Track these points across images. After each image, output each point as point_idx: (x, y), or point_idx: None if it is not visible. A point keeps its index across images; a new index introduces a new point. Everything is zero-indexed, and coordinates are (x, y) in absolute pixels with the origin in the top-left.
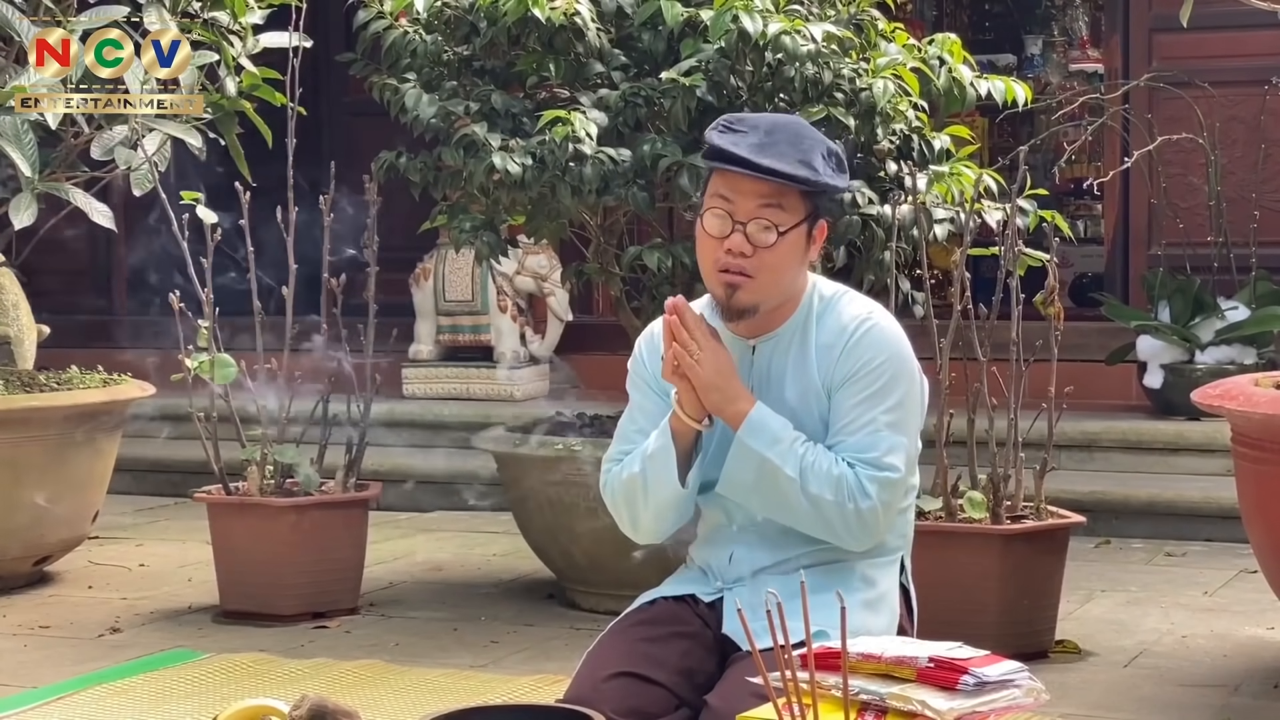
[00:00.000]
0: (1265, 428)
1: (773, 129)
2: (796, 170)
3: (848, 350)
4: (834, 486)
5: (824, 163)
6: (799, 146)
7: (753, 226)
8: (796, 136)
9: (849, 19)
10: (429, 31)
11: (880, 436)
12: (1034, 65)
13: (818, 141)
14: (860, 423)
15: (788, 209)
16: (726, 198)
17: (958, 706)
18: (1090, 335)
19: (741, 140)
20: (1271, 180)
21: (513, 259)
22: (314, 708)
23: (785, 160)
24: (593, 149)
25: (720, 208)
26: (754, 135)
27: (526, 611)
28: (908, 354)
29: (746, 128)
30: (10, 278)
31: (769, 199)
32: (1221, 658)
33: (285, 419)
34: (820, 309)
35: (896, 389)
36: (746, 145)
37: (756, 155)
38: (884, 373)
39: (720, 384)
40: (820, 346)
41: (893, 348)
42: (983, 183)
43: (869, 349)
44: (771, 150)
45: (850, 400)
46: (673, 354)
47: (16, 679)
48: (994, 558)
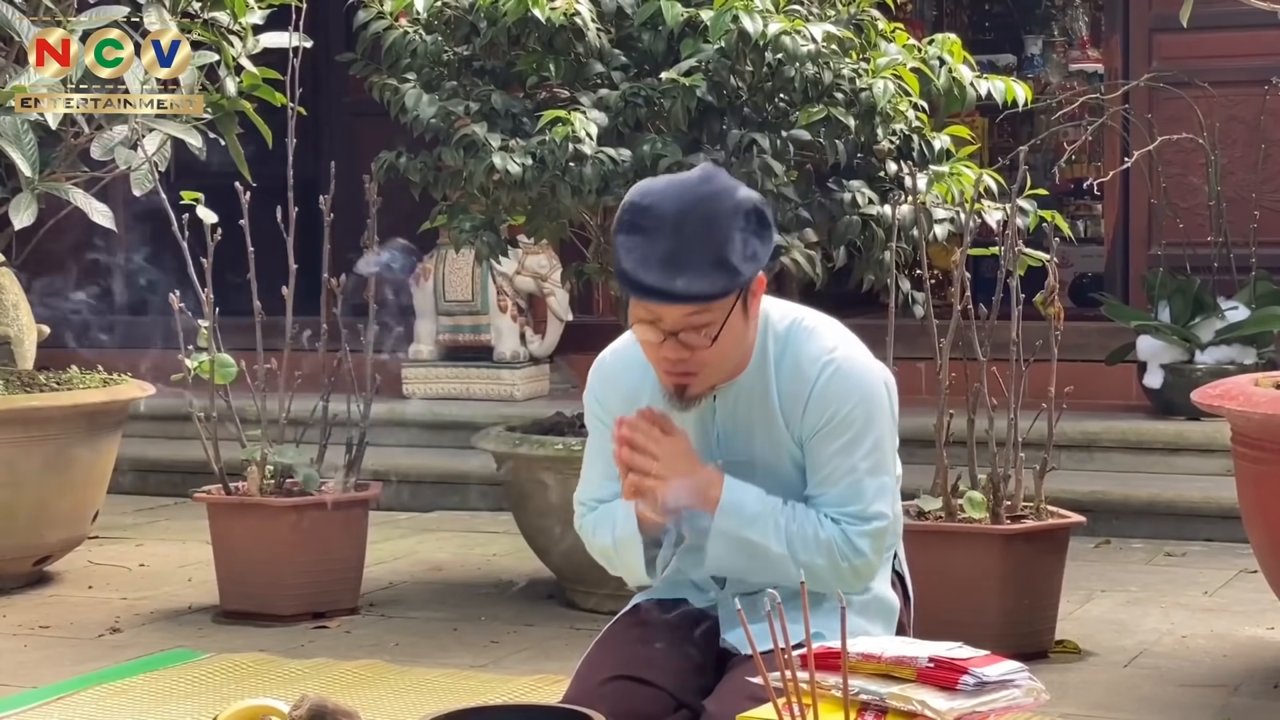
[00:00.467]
0: (1265, 428)
1: (680, 224)
2: (715, 285)
3: (813, 401)
4: (824, 551)
5: (743, 247)
6: (711, 243)
7: (684, 335)
8: (707, 227)
9: (849, 19)
10: (429, 31)
11: (862, 486)
12: (1034, 65)
13: (731, 215)
14: (839, 473)
15: (716, 309)
16: (650, 315)
17: (958, 706)
18: (1090, 335)
19: (650, 254)
20: (1271, 180)
21: (513, 259)
22: (314, 708)
23: (699, 274)
24: (593, 149)
25: (646, 322)
26: (661, 241)
27: (526, 611)
28: (874, 388)
29: (652, 225)
30: (10, 278)
31: (693, 311)
32: (1221, 658)
33: (285, 419)
34: (777, 352)
35: (871, 431)
36: (656, 263)
37: (669, 277)
38: (855, 419)
39: (684, 485)
40: (784, 395)
41: (859, 389)
42: (983, 183)
43: (835, 398)
44: (683, 261)
45: (825, 451)
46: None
47: (16, 679)
48: (994, 558)
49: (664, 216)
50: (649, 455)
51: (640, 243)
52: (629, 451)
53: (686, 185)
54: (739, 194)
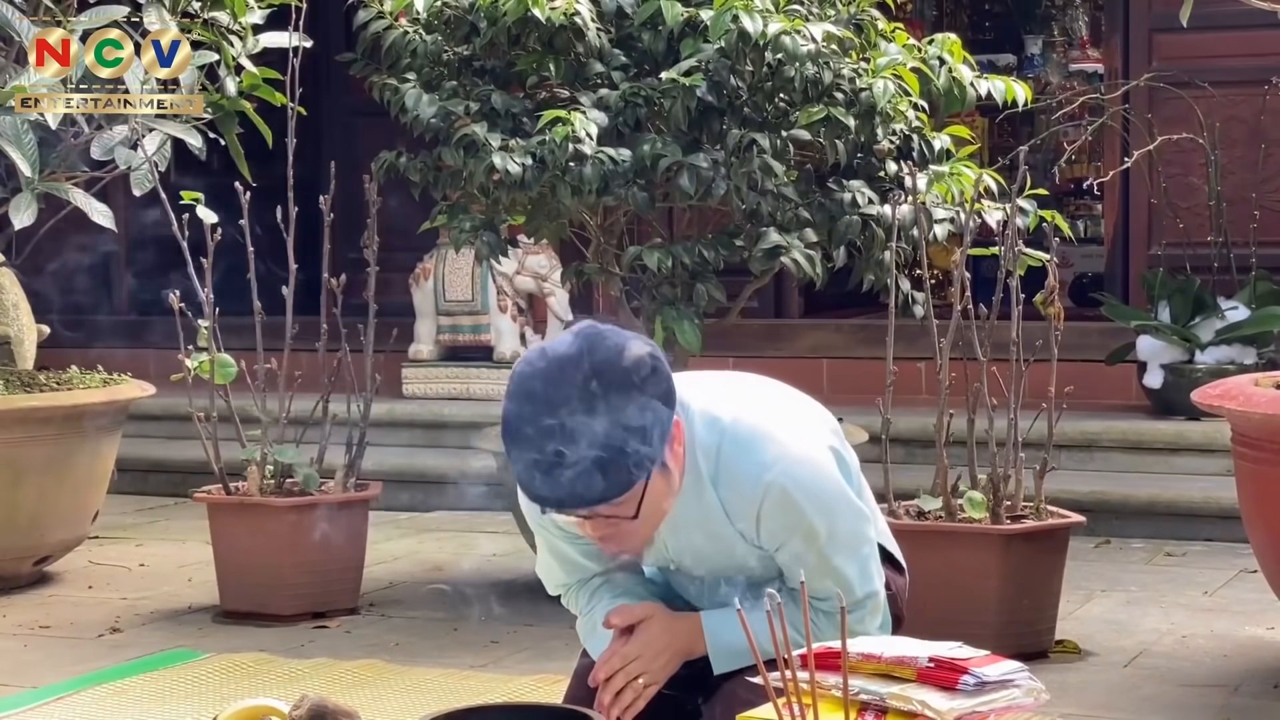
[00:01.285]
0: (1265, 428)
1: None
2: (621, 481)
3: (765, 525)
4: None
5: (639, 417)
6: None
7: (600, 523)
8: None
9: (849, 19)
10: (429, 31)
11: (846, 575)
12: (1034, 65)
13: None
14: (819, 573)
15: (626, 496)
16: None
17: (958, 706)
18: (1090, 335)
19: (545, 465)
20: (1271, 180)
21: (513, 259)
22: (314, 708)
23: (605, 477)
24: (593, 149)
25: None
26: (553, 449)
27: (526, 611)
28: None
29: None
30: (10, 278)
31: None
32: (1221, 658)
33: (285, 419)
34: (711, 472)
35: (837, 527)
36: (552, 476)
37: (570, 489)
38: (816, 531)
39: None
40: (729, 506)
41: (809, 500)
42: (983, 183)
43: (789, 519)
44: (584, 470)
45: (796, 560)
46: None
47: (16, 679)
48: (994, 558)
49: (551, 426)
50: (630, 681)
51: (528, 452)
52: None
53: (566, 368)
54: (625, 355)
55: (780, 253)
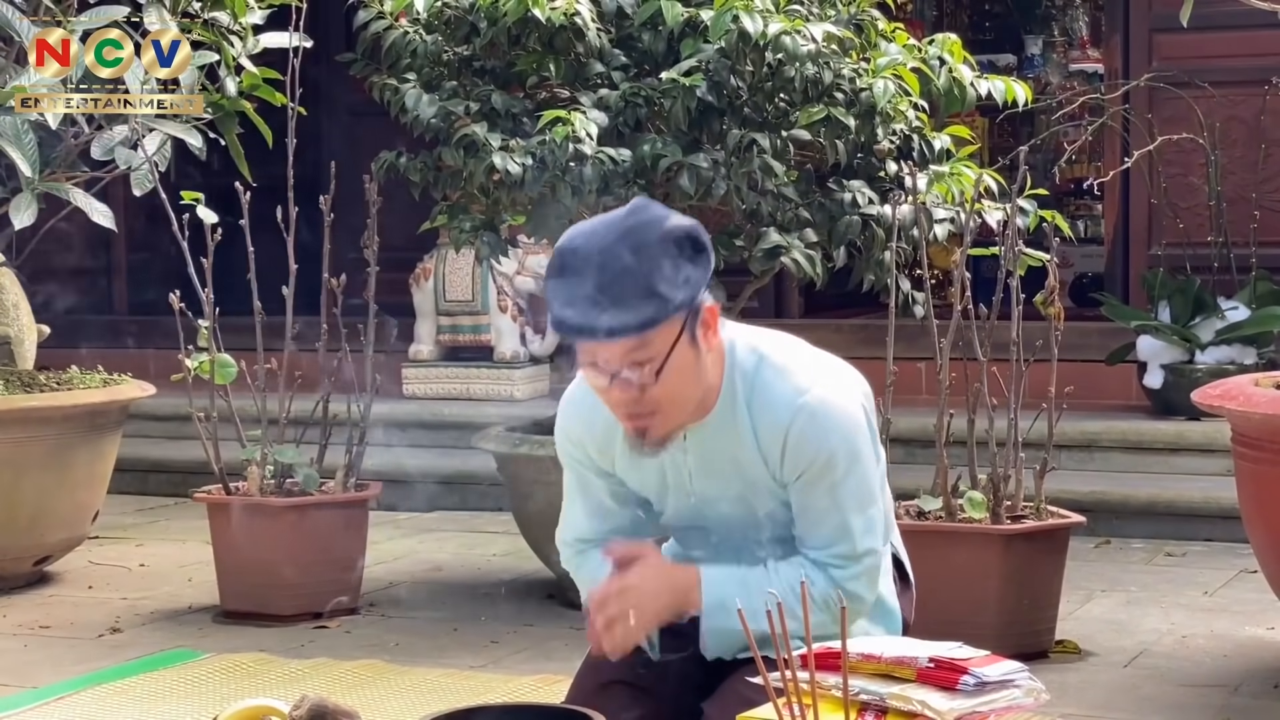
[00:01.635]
0: (1265, 428)
1: (605, 262)
2: (642, 315)
3: (790, 447)
4: (821, 605)
5: (673, 268)
6: (639, 272)
7: (626, 374)
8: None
9: (849, 19)
10: (429, 31)
11: (851, 525)
12: (1034, 65)
13: (659, 244)
14: (826, 516)
15: (656, 341)
16: (589, 360)
17: (958, 707)
18: (1090, 335)
19: (576, 298)
20: (1271, 180)
21: (513, 259)
22: (314, 708)
23: (627, 307)
24: (593, 149)
25: (589, 363)
26: (587, 281)
27: (526, 611)
28: (851, 423)
29: (579, 265)
30: (10, 278)
31: (630, 348)
32: (1221, 658)
33: (285, 419)
34: (746, 392)
35: (855, 469)
36: (582, 302)
37: (593, 318)
38: (836, 462)
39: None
40: (759, 433)
41: (836, 430)
42: (983, 183)
43: (813, 444)
44: (610, 297)
45: (809, 495)
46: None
47: (16, 679)
48: (994, 558)
49: (589, 255)
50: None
51: (566, 284)
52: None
53: (612, 221)
54: (668, 222)
55: (780, 253)
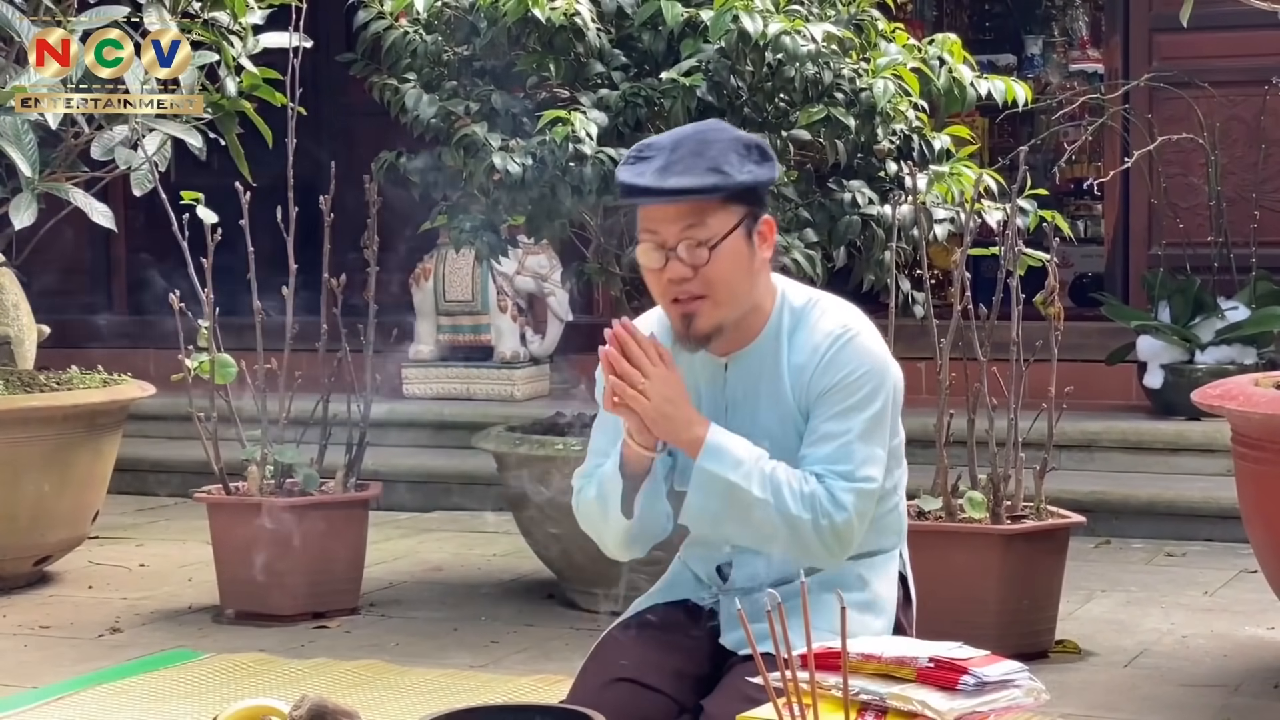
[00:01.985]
0: (1265, 428)
1: (678, 144)
2: (704, 181)
3: (822, 368)
4: (808, 503)
5: (739, 161)
6: (705, 155)
7: (682, 249)
8: (702, 144)
9: (849, 19)
10: (429, 31)
11: (854, 449)
12: (1034, 65)
13: (729, 142)
14: (833, 435)
15: (713, 222)
16: (651, 229)
17: (958, 706)
18: (1090, 335)
19: (646, 168)
20: (1271, 180)
21: (513, 259)
22: (314, 708)
23: (691, 174)
24: (593, 149)
25: (648, 240)
26: (659, 158)
27: (526, 611)
28: (885, 364)
29: (653, 152)
30: (10, 278)
31: (689, 219)
32: (1221, 658)
33: (285, 419)
34: (791, 324)
35: (874, 402)
36: (651, 172)
37: (660, 179)
38: (861, 386)
39: (670, 412)
40: (793, 367)
41: (870, 360)
42: (983, 183)
43: (845, 364)
44: (677, 168)
45: (825, 413)
46: (611, 386)
47: (16, 679)
48: (994, 558)
49: (661, 143)
50: (640, 369)
51: (636, 165)
52: (615, 353)
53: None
54: (738, 131)
55: (780, 253)
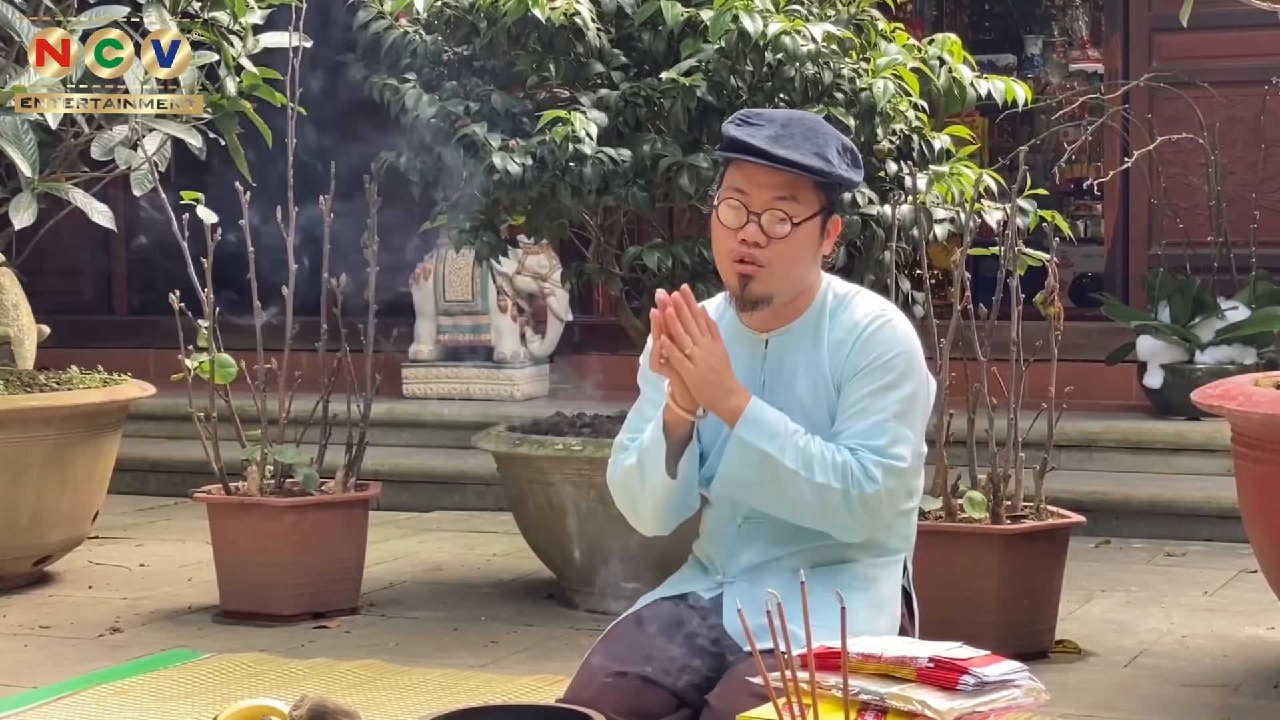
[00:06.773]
0: (1265, 428)
1: (789, 122)
2: (811, 161)
3: (860, 344)
4: (839, 473)
5: (839, 157)
6: (814, 140)
7: (767, 217)
8: (812, 131)
9: (849, 19)
10: (429, 31)
11: (887, 426)
12: (1034, 65)
13: (833, 136)
14: (868, 412)
15: (802, 201)
16: (742, 189)
17: (958, 706)
18: (1090, 335)
19: (758, 133)
20: (1271, 180)
21: (513, 259)
22: (314, 708)
23: (800, 152)
24: (593, 149)
25: (735, 199)
26: (770, 128)
27: (526, 611)
28: (920, 353)
29: (763, 121)
30: (10, 278)
31: (783, 191)
32: (1221, 658)
33: (285, 419)
34: (834, 306)
35: (907, 383)
36: (763, 137)
37: (772, 146)
38: (895, 366)
39: (713, 380)
40: (832, 343)
41: (906, 344)
42: (983, 183)
43: (882, 343)
44: (787, 142)
45: (860, 391)
46: (661, 346)
47: (16, 679)
48: (994, 558)
49: (774, 117)
50: (690, 335)
51: (747, 127)
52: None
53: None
54: (838, 132)
55: None
